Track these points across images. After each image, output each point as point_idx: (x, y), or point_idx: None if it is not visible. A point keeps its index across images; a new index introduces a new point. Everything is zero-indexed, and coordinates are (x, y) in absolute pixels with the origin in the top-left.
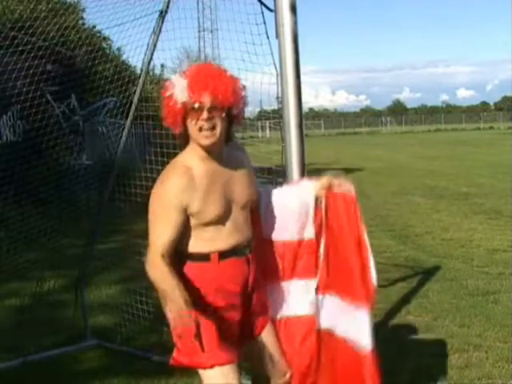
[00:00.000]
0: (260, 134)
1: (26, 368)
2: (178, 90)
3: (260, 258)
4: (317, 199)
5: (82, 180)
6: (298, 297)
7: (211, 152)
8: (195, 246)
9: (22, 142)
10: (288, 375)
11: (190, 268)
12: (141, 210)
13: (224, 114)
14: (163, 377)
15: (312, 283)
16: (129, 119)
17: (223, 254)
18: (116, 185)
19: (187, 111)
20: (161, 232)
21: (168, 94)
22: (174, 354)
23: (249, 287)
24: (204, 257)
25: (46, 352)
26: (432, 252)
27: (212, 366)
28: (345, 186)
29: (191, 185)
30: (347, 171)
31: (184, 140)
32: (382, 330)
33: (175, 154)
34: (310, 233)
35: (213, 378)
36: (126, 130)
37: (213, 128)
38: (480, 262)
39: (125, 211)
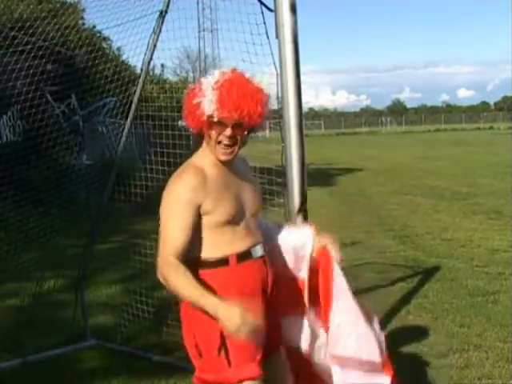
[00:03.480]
0: (260, 133)
1: (25, 368)
2: (207, 101)
3: None
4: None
5: (81, 180)
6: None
7: (225, 162)
8: (212, 251)
9: (22, 142)
10: None
11: (208, 276)
12: (141, 210)
13: (246, 132)
14: (163, 377)
15: (304, 320)
16: (129, 119)
17: (240, 256)
18: (116, 185)
19: (211, 123)
20: (174, 232)
21: (196, 101)
22: (197, 372)
23: (269, 289)
24: (222, 261)
25: (45, 352)
26: (432, 252)
27: (240, 382)
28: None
29: (204, 184)
30: (347, 171)
31: (200, 140)
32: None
33: (175, 154)
34: (304, 273)
35: None
36: (126, 130)
37: (233, 144)
38: (480, 261)
39: (125, 211)
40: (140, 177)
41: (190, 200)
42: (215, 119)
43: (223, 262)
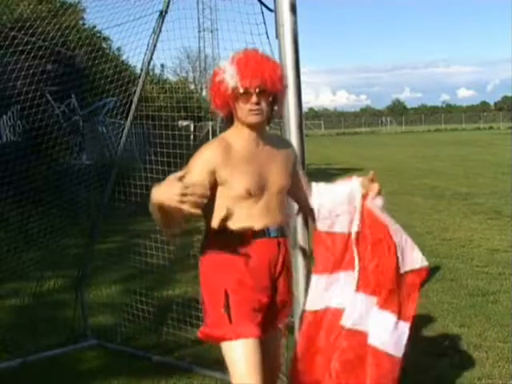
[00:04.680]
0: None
1: (25, 368)
2: (229, 75)
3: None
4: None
5: (82, 180)
6: (341, 289)
7: (254, 132)
8: (227, 223)
9: (22, 142)
10: None
11: (221, 243)
12: (141, 209)
13: (271, 98)
14: (163, 377)
15: (353, 276)
16: (129, 119)
17: (255, 233)
18: (116, 185)
19: (236, 95)
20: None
21: (218, 79)
22: (202, 328)
23: (277, 270)
24: (236, 235)
25: (45, 352)
26: (432, 252)
27: (237, 338)
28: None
29: (226, 154)
30: (347, 171)
31: (230, 122)
32: None
33: (175, 154)
34: (356, 227)
35: (236, 349)
36: (126, 130)
37: (261, 110)
38: (480, 261)
39: (125, 211)
40: (140, 177)
41: (203, 163)
42: (240, 90)
43: (236, 235)
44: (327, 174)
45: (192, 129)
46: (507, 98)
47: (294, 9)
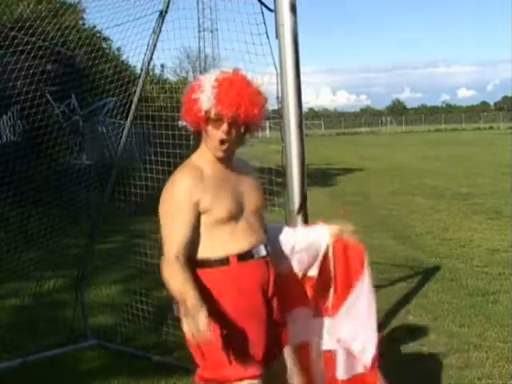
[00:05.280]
0: (260, 133)
1: (25, 368)
2: (206, 97)
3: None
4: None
5: (81, 180)
6: (302, 324)
7: (222, 158)
8: (212, 250)
9: (22, 142)
10: None
11: (208, 275)
12: (141, 209)
13: (243, 128)
14: (163, 377)
15: (311, 313)
16: (129, 119)
17: (242, 256)
18: (116, 185)
19: (208, 118)
20: (175, 232)
21: (194, 96)
22: (199, 371)
23: (270, 290)
24: (223, 261)
25: (45, 352)
26: (432, 252)
27: (240, 380)
28: (351, 239)
29: (201, 182)
30: (347, 171)
31: (198, 138)
32: (381, 331)
33: (175, 154)
34: (313, 272)
35: None
36: (125, 130)
37: (229, 140)
38: (480, 261)
39: (125, 211)
40: (140, 177)
41: (186, 200)
42: (212, 115)
43: (224, 261)
44: (327, 174)
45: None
46: (507, 97)
47: (294, 9)
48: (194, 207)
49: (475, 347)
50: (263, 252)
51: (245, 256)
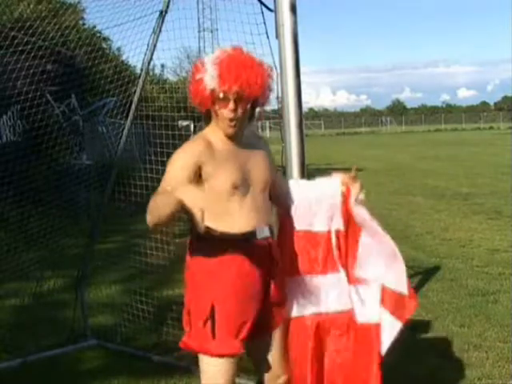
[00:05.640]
0: (260, 133)
1: (25, 368)
2: (209, 76)
3: (289, 251)
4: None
5: (82, 180)
6: (333, 291)
7: (232, 136)
8: (216, 222)
9: (22, 142)
10: (282, 380)
11: (212, 246)
12: (141, 210)
13: (249, 105)
14: (163, 377)
15: (343, 275)
16: (129, 119)
17: (244, 236)
18: (116, 185)
19: (214, 97)
20: (170, 174)
21: (198, 77)
22: (184, 337)
23: (270, 272)
24: (227, 236)
25: (45, 352)
26: (432, 252)
27: (219, 355)
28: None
29: (208, 150)
30: (347, 171)
31: (209, 118)
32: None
33: None
34: (337, 224)
35: (215, 365)
36: (125, 130)
37: (237, 118)
38: (480, 261)
39: (125, 211)
40: (140, 177)
41: (193, 159)
42: (218, 94)
43: (228, 237)
44: (327, 174)
45: (192, 129)
46: (507, 98)
47: (294, 9)
48: (196, 170)
49: (475, 347)
50: (267, 233)
51: (247, 236)
